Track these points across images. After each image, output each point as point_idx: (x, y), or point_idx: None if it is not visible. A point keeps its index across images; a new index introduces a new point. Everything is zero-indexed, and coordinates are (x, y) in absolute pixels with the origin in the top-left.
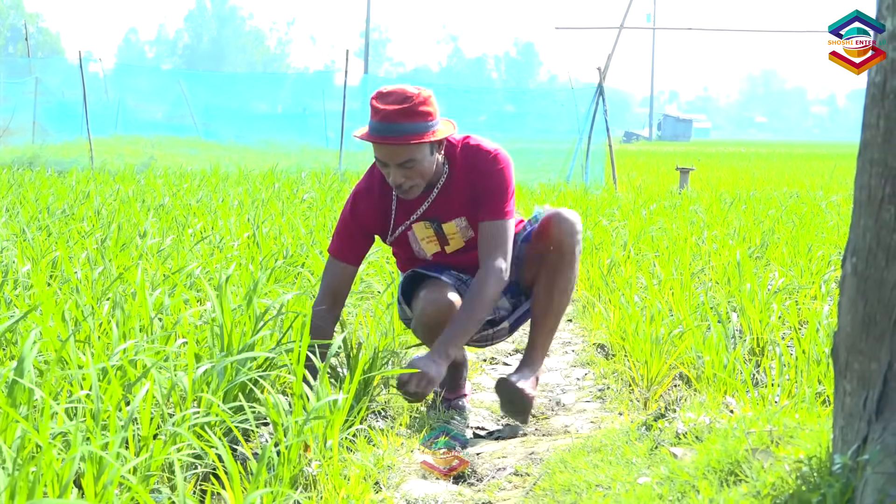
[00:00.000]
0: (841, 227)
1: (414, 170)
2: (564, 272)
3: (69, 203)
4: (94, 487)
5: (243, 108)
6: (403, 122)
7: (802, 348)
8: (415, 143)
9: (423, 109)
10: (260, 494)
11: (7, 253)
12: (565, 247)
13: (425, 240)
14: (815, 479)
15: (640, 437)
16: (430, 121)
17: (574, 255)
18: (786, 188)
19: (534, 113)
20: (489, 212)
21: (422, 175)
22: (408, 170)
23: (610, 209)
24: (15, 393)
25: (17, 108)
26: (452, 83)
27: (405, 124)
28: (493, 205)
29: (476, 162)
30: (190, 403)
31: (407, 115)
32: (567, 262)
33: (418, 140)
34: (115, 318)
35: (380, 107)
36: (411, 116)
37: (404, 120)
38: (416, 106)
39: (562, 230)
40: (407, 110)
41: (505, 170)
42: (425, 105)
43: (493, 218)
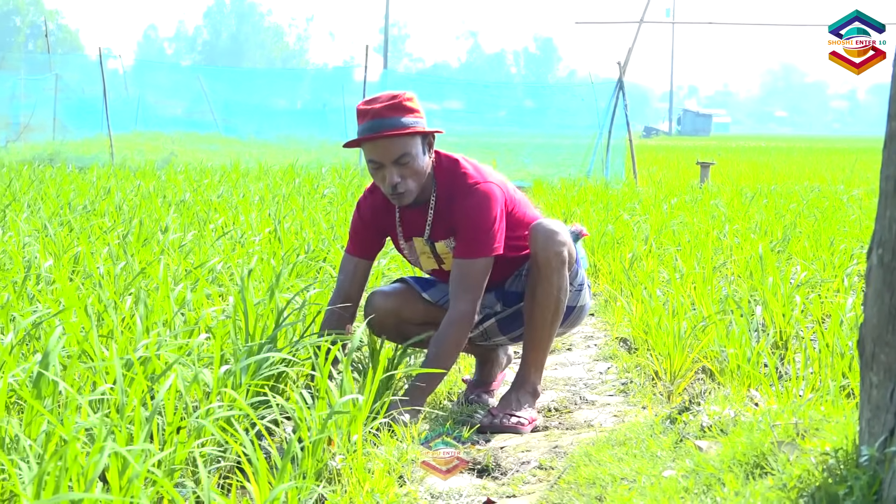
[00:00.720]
0: (863, 220)
1: (409, 167)
2: (541, 285)
3: (90, 199)
4: (119, 481)
5: (263, 104)
6: (395, 116)
7: (826, 341)
8: (409, 132)
9: (409, 105)
10: (285, 488)
11: (30, 248)
12: (539, 259)
13: (424, 255)
14: (841, 472)
15: (664, 430)
16: (418, 117)
17: (551, 266)
18: (807, 182)
19: (553, 108)
20: (462, 249)
21: (416, 175)
22: (403, 167)
23: (631, 203)
24: (40, 386)
25: (37, 105)
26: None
27: (397, 118)
28: (467, 242)
29: (459, 192)
30: (214, 397)
31: (397, 110)
32: (543, 275)
33: (414, 130)
34: (139, 313)
35: (368, 108)
36: (402, 111)
37: (396, 114)
38: (403, 101)
39: (536, 242)
40: (396, 105)
41: (489, 203)
42: (411, 102)
43: (466, 256)
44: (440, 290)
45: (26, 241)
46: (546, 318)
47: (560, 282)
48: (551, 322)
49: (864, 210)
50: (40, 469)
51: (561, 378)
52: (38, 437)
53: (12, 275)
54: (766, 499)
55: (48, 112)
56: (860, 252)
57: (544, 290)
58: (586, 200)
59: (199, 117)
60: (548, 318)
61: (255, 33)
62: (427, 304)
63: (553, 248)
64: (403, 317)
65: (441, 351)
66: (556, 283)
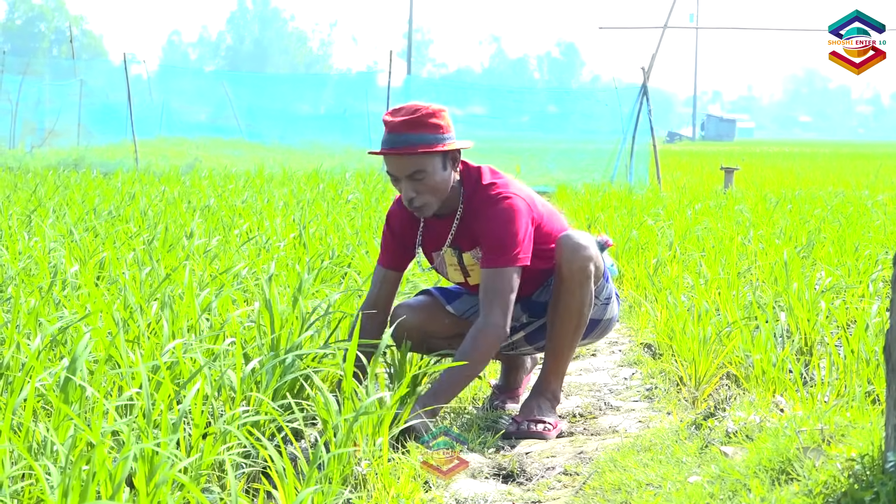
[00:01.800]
0: (888, 226)
1: (424, 183)
2: (564, 297)
3: (115, 204)
4: (146, 486)
5: (286, 110)
6: (411, 133)
7: (851, 347)
8: (422, 151)
9: (432, 121)
10: (311, 493)
11: (56, 254)
12: (564, 271)
13: (452, 266)
14: (867, 478)
15: (689, 436)
16: (440, 133)
17: (575, 279)
18: (831, 187)
19: (577, 113)
20: (489, 258)
21: (433, 191)
22: (418, 182)
23: (655, 209)
24: (68, 391)
25: (62, 110)
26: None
27: (413, 134)
28: (493, 252)
29: (483, 203)
30: (239, 402)
31: (415, 126)
32: (567, 287)
33: (426, 149)
34: (165, 318)
35: (389, 120)
36: (419, 127)
37: (412, 130)
38: (424, 117)
39: (562, 255)
40: (415, 121)
41: (513, 215)
42: (435, 118)
43: (492, 265)
44: (465, 302)
45: (52, 246)
46: (568, 330)
47: (584, 296)
48: (573, 334)
49: (889, 215)
50: (67, 474)
51: (586, 384)
52: (65, 441)
53: (38, 280)
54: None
55: (73, 117)
56: (885, 258)
57: (567, 303)
58: (610, 206)
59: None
60: (570, 330)
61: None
62: (452, 318)
63: (578, 262)
64: (429, 331)
65: (467, 360)
66: (579, 297)
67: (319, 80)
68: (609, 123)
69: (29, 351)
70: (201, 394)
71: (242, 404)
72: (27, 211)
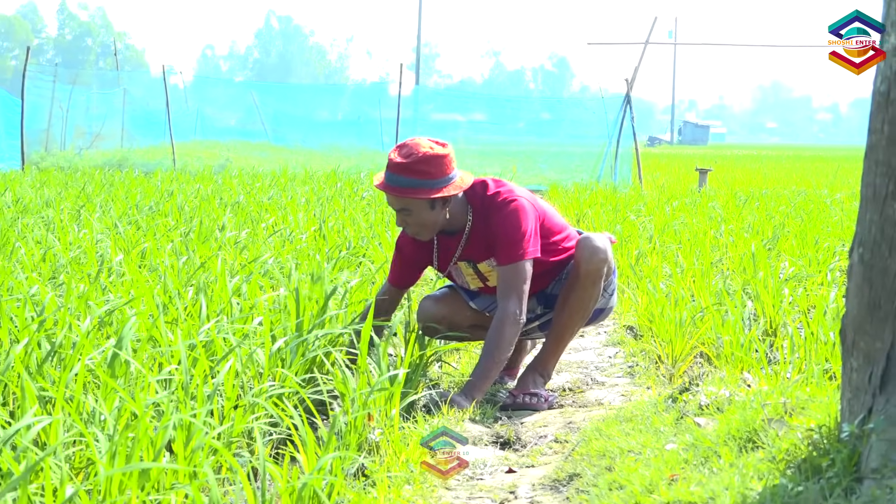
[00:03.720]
0: (845, 221)
1: (411, 218)
2: (577, 292)
3: (155, 200)
4: (184, 451)
5: (308, 116)
6: (403, 176)
7: (811, 330)
8: (409, 197)
9: (424, 168)
10: (330, 459)
11: (102, 244)
12: (581, 269)
13: (469, 276)
14: (825, 446)
15: (666, 408)
16: (430, 179)
17: (589, 275)
18: (794, 187)
19: (567, 120)
20: (504, 256)
21: (421, 226)
22: (406, 216)
23: (637, 205)
24: (114, 367)
25: (107, 116)
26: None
27: (404, 178)
28: (507, 249)
29: (492, 210)
30: (266, 377)
31: (407, 170)
32: (581, 284)
33: (412, 195)
34: (205, 298)
35: (391, 158)
36: (411, 172)
37: (404, 174)
38: (418, 163)
39: (582, 255)
40: (408, 166)
41: (519, 215)
42: (429, 164)
43: (508, 261)
44: (485, 300)
45: (99, 238)
46: (574, 320)
47: (595, 293)
48: (578, 324)
49: (846, 212)
50: (114, 441)
51: (574, 361)
52: (112, 411)
53: (87, 268)
54: (758, 470)
55: (117, 123)
56: (842, 250)
57: (579, 298)
58: (597, 203)
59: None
60: (576, 320)
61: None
62: (473, 311)
63: (595, 263)
64: (454, 321)
65: (494, 350)
66: (590, 294)
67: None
68: (596, 129)
69: (80, 331)
70: (233, 369)
71: (269, 379)
72: (77, 206)
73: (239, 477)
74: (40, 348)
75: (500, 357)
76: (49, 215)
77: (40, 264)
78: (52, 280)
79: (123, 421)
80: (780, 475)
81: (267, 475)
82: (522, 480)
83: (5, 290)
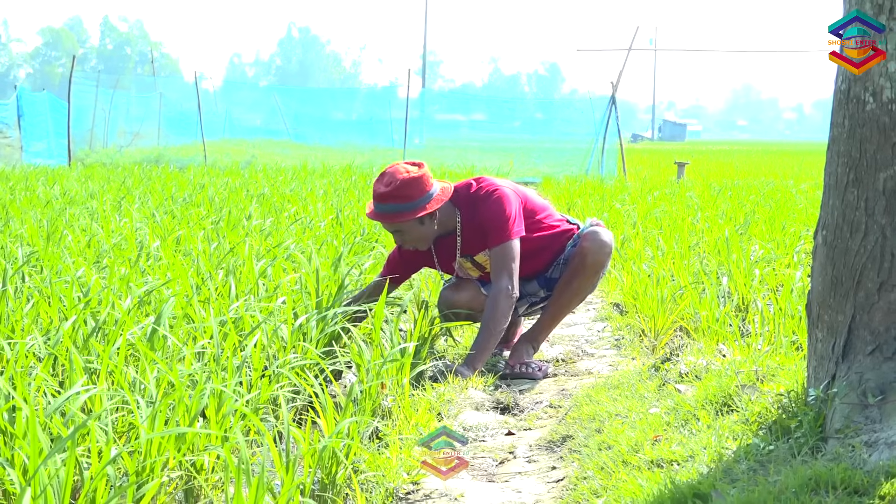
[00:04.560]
0: (809, 209)
1: (406, 236)
2: (579, 276)
3: (188, 192)
4: (216, 416)
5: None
6: (388, 203)
7: (779, 306)
8: (398, 221)
9: (406, 193)
10: (348, 423)
11: (141, 232)
12: (588, 260)
13: (468, 268)
14: (793, 409)
15: (650, 376)
16: (412, 201)
17: (594, 266)
18: (763, 178)
19: (559, 119)
20: (493, 239)
21: (417, 240)
22: (401, 235)
23: (621, 195)
24: (153, 341)
25: (145, 118)
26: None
27: (389, 205)
28: (495, 233)
29: (477, 204)
30: (290, 350)
31: (390, 198)
32: (586, 273)
33: (400, 220)
34: (234, 279)
35: (375, 189)
36: (394, 199)
37: (389, 202)
38: (398, 190)
39: (591, 247)
40: (390, 193)
41: (502, 201)
42: (409, 188)
43: (497, 243)
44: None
45: (138, 226)
46: (572, 301)
47: (595, 282)
48: (573, 305)
49: (810, 200)
50: (155, 407)
51: (566, 335)
52: (150, 381)
53: (128, 253)
54: (733, 431)
55: (154, 123)
56: (807, 234)
57: (580, 284)
58: (586, 193)
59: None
60: (573, 302)
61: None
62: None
63: (601, 257)
64: (472, 307)
65: (491, 324)
66: (591, 282)
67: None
68: (584, 127)
69: (122, 309)
70: (259, 343)
71: (292, 351)
72: (118, 198)
73: (265, 439)
74: (86, 325)
75: (496, 329)
76: (93, 206)
77: (86, 250)
78: (97, 264)
79: (161, 390)
80: (753, 435)
81: (291, 438)
82: (520, 442)
83: (55, 273)
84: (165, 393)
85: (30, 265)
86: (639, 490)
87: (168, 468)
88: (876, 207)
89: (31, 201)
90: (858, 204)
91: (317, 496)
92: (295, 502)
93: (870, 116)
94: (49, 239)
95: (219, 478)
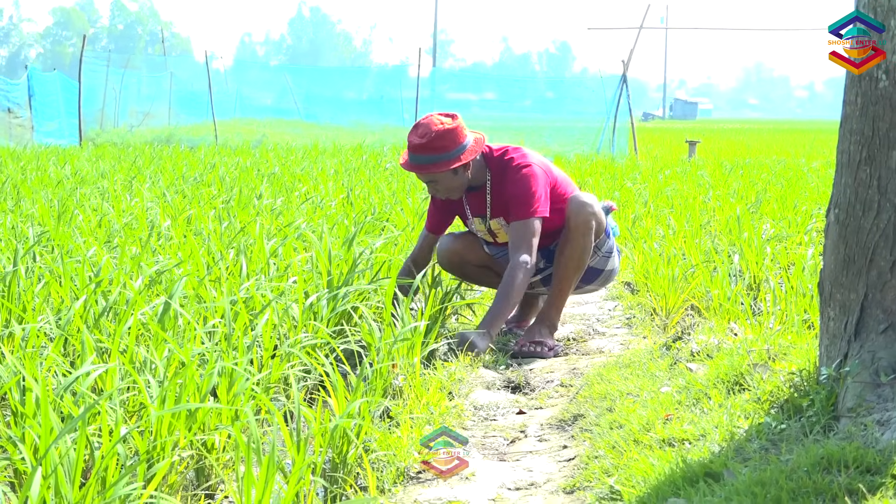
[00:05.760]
0: (821, 187)
1: (440, 185)
2: (570, 244)
3: (199, 172)
4: (226, 396)
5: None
6: (424, 154)
7: (791, 284)
8: (433, 172)
9: (440, 144)
10: (359, 403)
11: (152, 211)
12: (571, 223)
13: (481, 231)
14: (805, 388)
15: (661, 355)
16: (448, 152)
17: (579, 228)
18: (775, 157)
19: (570, 98)
20: (516, 214)
21: (449, 190)
22: (435, 186)
23: (632, 174)
24: (164, 321)
25: (156, 97)
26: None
27: (425, 156)
28: (519, 207)
29: (506, 172)
30: (300, 329)
31: (426, 149)
32: (573, 236)
33: (436, 170)
34: (245, 259)
35: (410, 140)
36: (430, 150)
37: (425, 153)
38: (434, 141)
39: (571, 209)
40: (425, 145)
41: (531, 178)
42: (444, 139)
43: (520, 218)
44: (494, 248)
45: (149, 205)
46: (570, 270)
47: (586, 244)
48: (574, 275)
49: (822, 178)
50: (165, 386)
51: (578, 314)
52: (161, 360)
53: (139, 232)
54: (744, 410)
55: (165, 103)
56: (819, 212)
57: (572, 248)
58: (597, 172)
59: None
60: (571, 270)
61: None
62: (485, 253)
63: (583, 216)
64: (466, 258)
65: (508, 292)
66: (581, 244)
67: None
68: (595, 106)
69: (133, 289)
70: (270, 322)
71: (303, 331)
72: (129, 177)
73: (276, 419)
74: (97, 305)
75: (512, 299)
76: (104, 186)
77: (97, 230)
78: (108, 244)
79: (172, 369)
80: (765, 414)
81: (301, 417)
82: (531, 421)
83: (66, 252)
84: (176, 372)
85: (41, 245)
86: (650, 469)
87: (179, 448)
88: (889, 185)
89: (42, 181)
90: (871, 182)
91: (328, 476)
92: (306, 481)
93: (882, 94)
94: (60, 219)
95: (229, 457)
